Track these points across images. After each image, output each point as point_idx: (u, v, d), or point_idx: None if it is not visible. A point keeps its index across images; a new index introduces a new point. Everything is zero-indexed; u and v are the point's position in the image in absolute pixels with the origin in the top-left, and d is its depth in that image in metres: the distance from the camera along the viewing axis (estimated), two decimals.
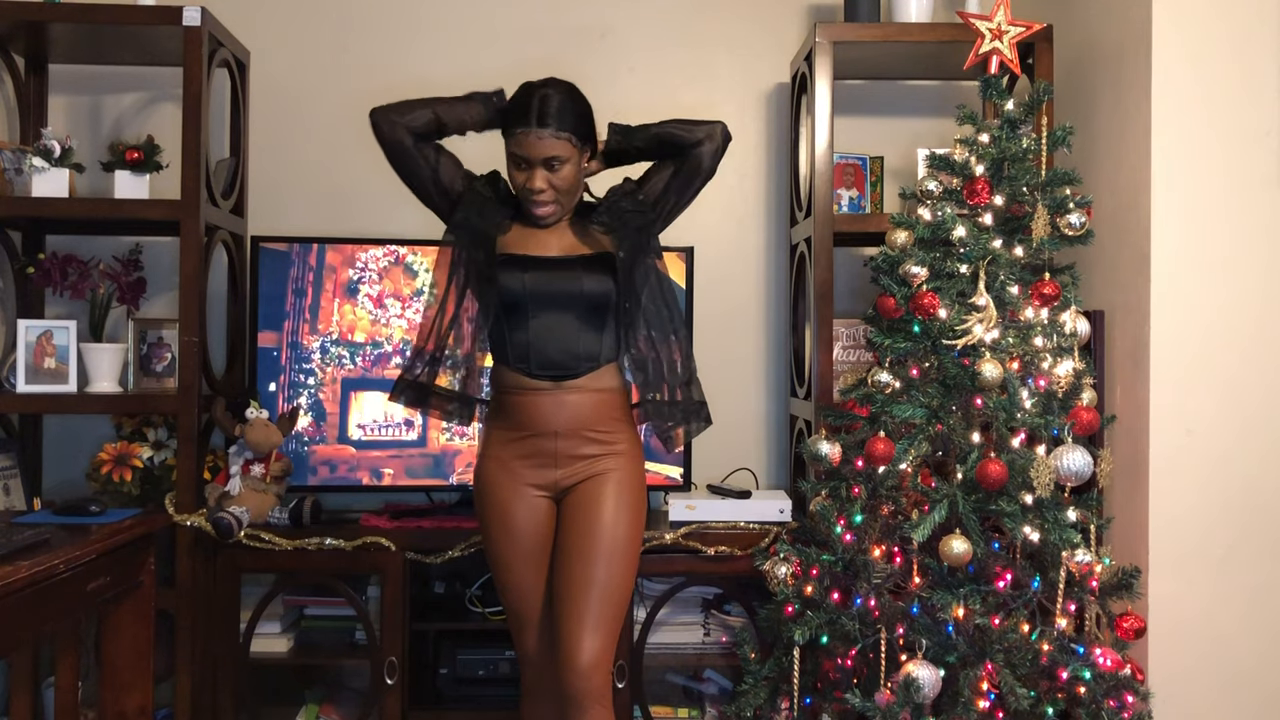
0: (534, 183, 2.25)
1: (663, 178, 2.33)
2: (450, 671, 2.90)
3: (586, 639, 2.17)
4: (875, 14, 3.04)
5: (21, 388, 2.85)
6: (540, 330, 2.25)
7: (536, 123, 2.21)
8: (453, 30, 3.32)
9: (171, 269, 3.11)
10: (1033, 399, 2.37)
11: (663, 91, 3.34)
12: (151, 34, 2.89)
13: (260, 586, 2.88)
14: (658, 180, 2.34)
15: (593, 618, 2.19)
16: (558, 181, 2.25)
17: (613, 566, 2.22)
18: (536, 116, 2.21)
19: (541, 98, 2.23)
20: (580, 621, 2.18)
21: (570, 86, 2.29)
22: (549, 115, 2.22)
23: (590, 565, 2.21)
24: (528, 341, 2.25)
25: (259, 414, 2.85)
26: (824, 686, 2.48)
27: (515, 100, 2.28)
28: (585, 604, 2.20)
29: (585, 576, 2.21)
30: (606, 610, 2.21)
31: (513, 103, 2.28)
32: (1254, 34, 2.49)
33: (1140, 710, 2.32)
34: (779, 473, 3.33)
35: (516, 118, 2.24)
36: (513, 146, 2.26)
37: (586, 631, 2.18)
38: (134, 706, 2.66)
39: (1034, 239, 2.41)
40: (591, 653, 2.17)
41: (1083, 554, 2.28)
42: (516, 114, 2.25)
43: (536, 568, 2.30)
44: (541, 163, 2.23)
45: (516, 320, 2.26)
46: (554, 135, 2.22)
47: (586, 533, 2.23)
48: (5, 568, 2.05)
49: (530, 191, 2.26)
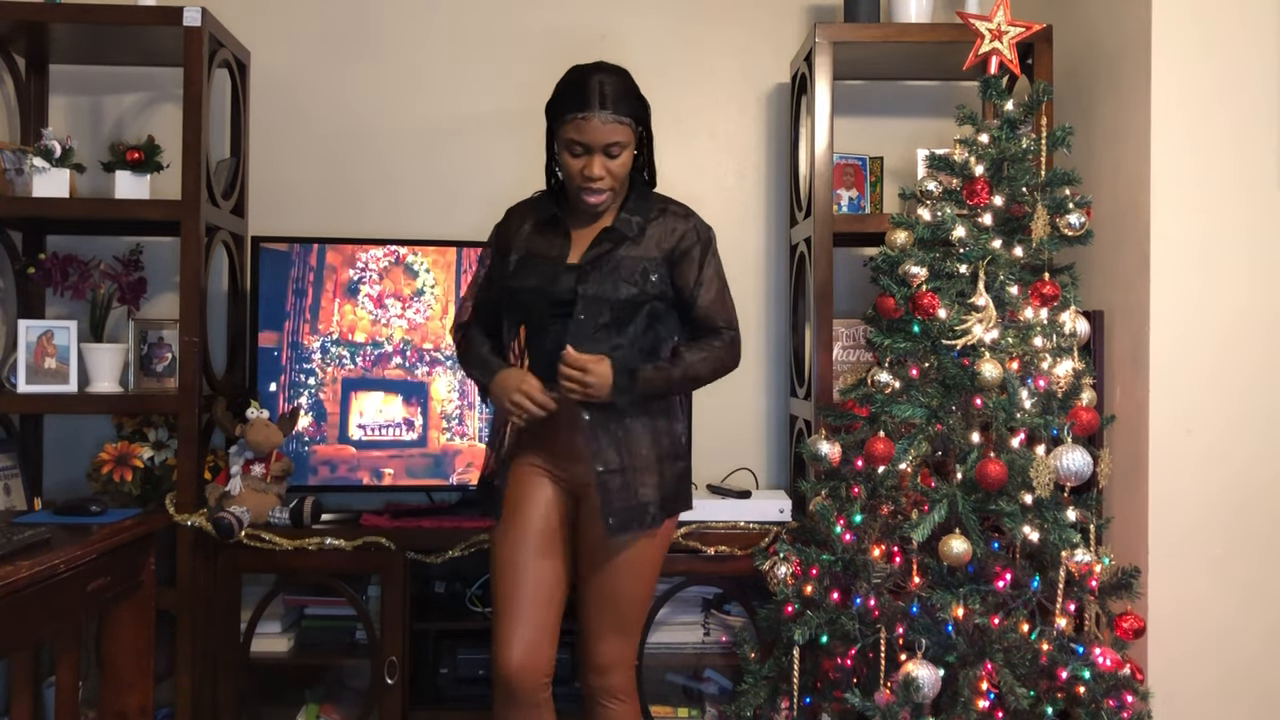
0: (593, 169, 2.18)
1: (695, 344, 2.30)
2: (450, 671, 2.90)
3: (605, 641, 2.27)
4: (875, 14, 3.04)
5: (22, 388, 2.86)
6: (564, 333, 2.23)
7: (599, 106, 2.15)
8: (452, 32, 3.32)
9: (172, 269, 3.11)
10: (1032, 399, 2.37)
11: (663, 92, 3.32)
12: (152, 34, 2.89)
13: (260, 586, 2.88)
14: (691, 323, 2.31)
15: (612, 622, 2.27)
16: (615, 168, 2.20)
17: (635, 571, 2.25)
18: (598, 100, 2.15)
19: (600, 82, 2.17)
20: (600, 625, 2.27)
21: (623, 70, 2.24)
22: (609, 99, 2.16)
23: (612, 573, 2.24)
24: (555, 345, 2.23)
25: (259, 414, 2.85)
26: (824, 686, 2.49)
27: (570, 84, 2.21)
28: (606, 610, 2.26)
29: (606, 583, 2.25)
30: (628, 613, 2.28)
31: (569, 86, 2.21)
32: (1254, 34, 2.49)
33: (1140, 710, 2.32)
34: (779, 473, 3.34)
35: (574, 102, 2.17)
36: (570, 133, 2.18)
37: (606, 634, 2.27)
38: (134, 706, 2.67)
39: (1034, 239, 2.42)
40: (609, 654, 2.27)
41: (1082, 554, 2.28)
42: (574, 98, 2.17)
43: (537, 552, 2.25)
44: (601, 149, 2.17)
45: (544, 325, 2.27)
46: (616, 120, 2.16)
47: (606, 539, 2.23)
48: (6, 568, 2.05)
49: (589, 179, 2.19)
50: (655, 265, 2.24)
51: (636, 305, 2.23)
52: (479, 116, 3.28)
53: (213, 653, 2.79)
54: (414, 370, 3.00)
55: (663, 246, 2.26)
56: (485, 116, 3.30)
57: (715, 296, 2.30)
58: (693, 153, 3.34)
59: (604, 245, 2.24)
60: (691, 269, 2.27)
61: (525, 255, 2.29)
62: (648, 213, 2.28)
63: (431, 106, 3.31)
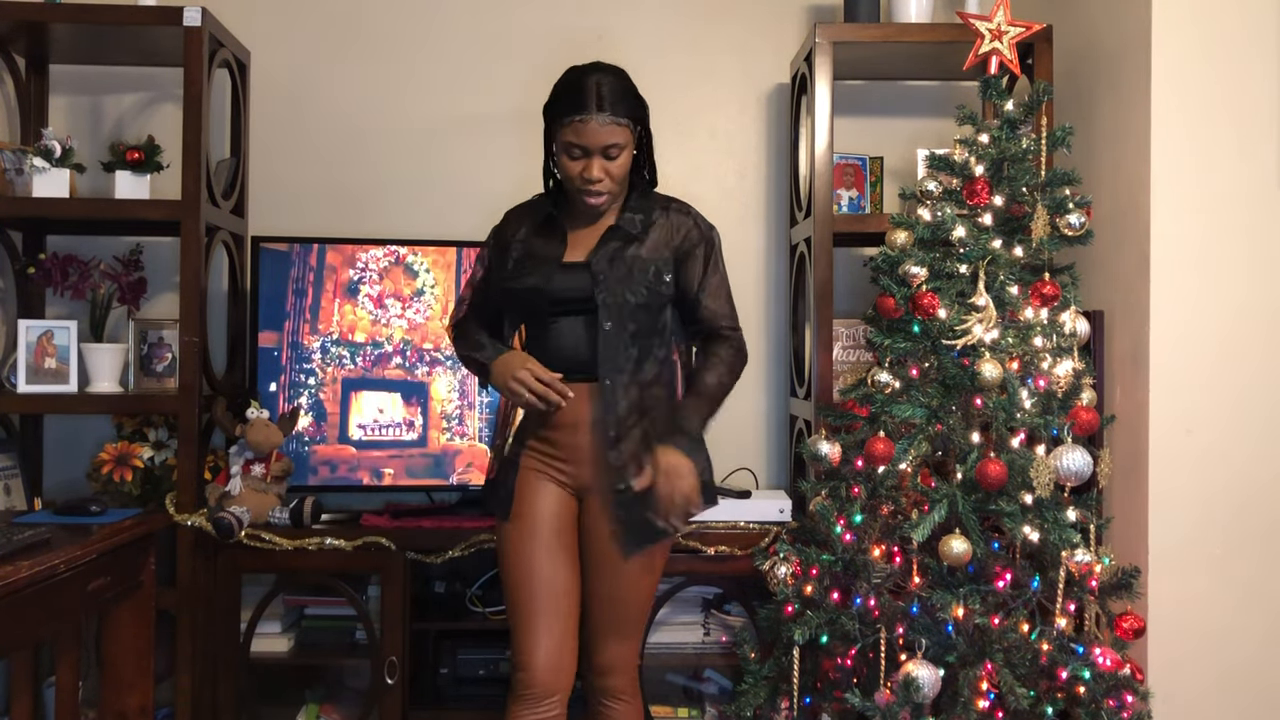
0: (592, 171, 2.17)
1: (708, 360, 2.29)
2: (450, 671, 2.90)
3: (606, 642, 2.28)
4: (875, 14, 3.04)
5: (22, 388, 2.86)
6: (566, 331, 2.24)
7: (596, 109, 2.13)
8: (451, 31, 3.32)
9: (172, 269, 3.11)
10: (1032, 399, 2.37)
11: (663, 92, 3.33)
12: (152, 34, 2.90)
13: (260, 586, 2.88)
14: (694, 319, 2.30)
15: (614, 624, 2.27)
16: (615, 169, 2.19)
17: (636, 574, 2.25)
18: (595, 103, 2.13)
19: (597, 83, 2.15)
20: (602, 626, 2.28)
21: (620, 70, 2.22)
22: (606, 101, 2.14)
23: (616, 575, 2.24)
24: (557, 344, 2.24)
25: (259, 414, 2.85)
26: (824, 686, 2.49)
27: (567, 86, 2.19)
28: (607, 611, 2.27)
29: (608, 585, 2.25)
30: (629, 614, 2.28)
31: (566, 88, 2.19)
32: (1254, 34, 2.49)
33: (1140, 710, 2.32)
34: (779, 473, 3.34)
35: (571, 105, 2.15)
36: (568, 136, 2.16)
37: (608, 635, 2.28)
38: (134, 706, 2.66)
39: (1034, 239, 2.42)
40: (611, 655, 2.28)
41: (1082, 554, 2.28)
42: (571, 101, 2.15)
43: (549, 555, 2.23)
44: (600, 151, 2.16)
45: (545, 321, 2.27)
46: (614, 122, 2.14)
47: (608, 540, 2.23)
48: (6, 568, 2.05)
49: (589, 181, 2.18)
50: (666, 266, 2.24)
51: (653, 311, 2.23)
52: (479, 116, 3.28)
53: (213, 653, 2.79)
54: (414, 370, 3.00)
55: (670, 246, 2.25)
56: (485, 116, 3.30)
57: (721, 298, 2.30)
58: (693, 153, 3.35)
59: (612, 244, 2.24)
60: (696, 268, 2.27)
61: (524, 255, 2.29)
62: (650, 211, 2.28)
63: (431, 106, 3.31)
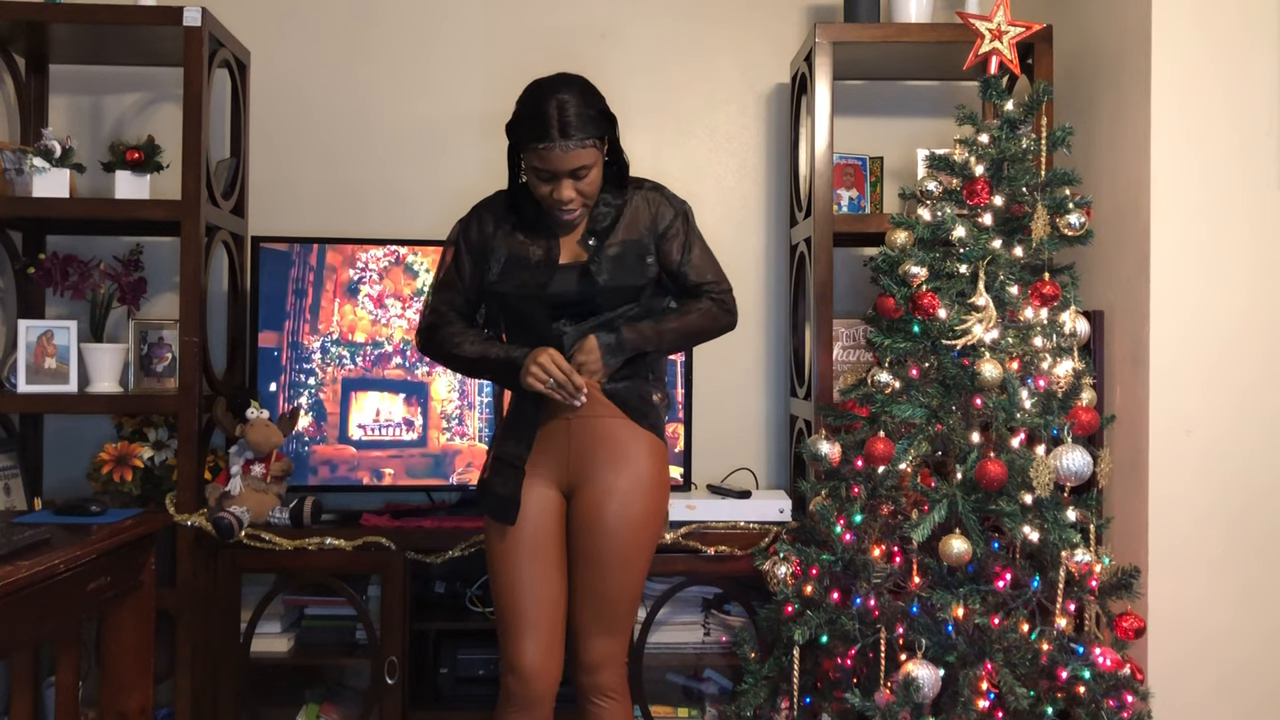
0: (562, 193, 2.15)
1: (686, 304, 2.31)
2: (450, 671, 2.90)
3: (594, 639, 2.25)
4: (875, 14, 3.04)
5: (22, 388, 2.86)
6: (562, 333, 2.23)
7: (559, 135, 2.10)
8: (452, 30, 3.32)
9: (172, 269, 3.11)
10: (1032, 399, 2.37)
11: (663, 92, 3.35)
12: (152, 34, 2.90)
13: (260, 586, 2.88)
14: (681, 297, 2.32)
15: (601, 620, 2.25)
16: (585, 187, 2.17)
17: (623, 569, 2.24)
18: (559, 129, 2.09)
19: (559, 105, 2.10)
20: (589, 623, 2.25)
21: (583, 84, 2.18)
22: (571, 125, 2.10)
23: (599, 569, 2.23)
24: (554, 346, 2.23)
25: (259, 414, 2.85)
26: (824, 686, 2.49)
27: (529, 110, 2.14)
28: (594, 607, 2.25)
29: (594, 581, 2.24)
30: (617, 610, 2.26)
31: (527, 113, 2.15)
32: (1254, 34, 2.49)
33: (1140, 710, 2.32)
34: (779, 473, 3.34)
35: (536, 132, 2.11)
36: (535, 161, 2.13)
37: (595, 632, 2.25)
38: (134, 706, 2.66)
39: (1034, 239, 2.42)
40: (598, 652, 2.25)
41: (1082, 554, 2.28)
42: (535, 128, 2.11)
43: (532, 560, 2.22)
44: (569, 174, 2.14)
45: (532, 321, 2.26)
46: (579, 145, 2.11)
47: (598, 534, 2.22)
48: (5, 568, 2.05)
49: (560, 203, 2.17)
50: (648, 249, 2.26)
51: (643, 293, 2.26)
52: (479, 116, 3.28)
53: (213, 653, 2.80)
54: (414, 370, 3.00)
55: (649, 228, 2.26)
56: (485, 116, 3.29)
57: (705, 266, 2.31)
58: (693, 153, 3.35)
59: (591, 242, 2.25)
60: (675, 246, 2.28)
61: (510, 257, 2.26)
62: (621, 193, 2.28)
63: (432, 106, 3.31)
